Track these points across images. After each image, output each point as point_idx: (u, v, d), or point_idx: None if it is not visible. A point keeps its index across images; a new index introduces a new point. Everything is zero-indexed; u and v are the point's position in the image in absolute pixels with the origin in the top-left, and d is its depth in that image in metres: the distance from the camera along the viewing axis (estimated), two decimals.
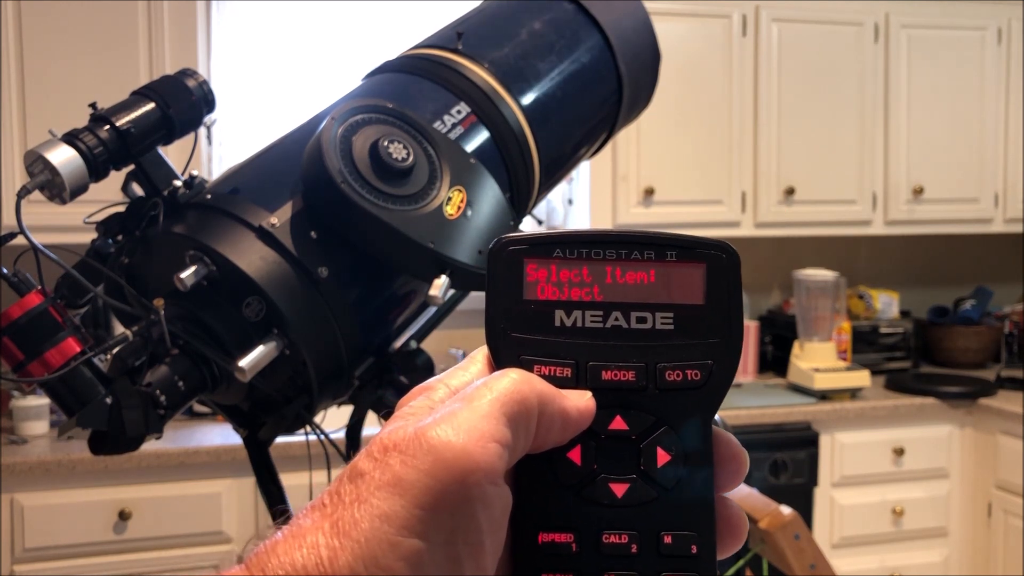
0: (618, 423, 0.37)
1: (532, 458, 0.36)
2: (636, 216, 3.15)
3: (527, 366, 0.37)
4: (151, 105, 1.02)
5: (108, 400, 0.95)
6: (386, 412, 1.07)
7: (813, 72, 3.30)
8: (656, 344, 0.37)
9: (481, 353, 0.38)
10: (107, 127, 0.99)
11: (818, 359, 3.13)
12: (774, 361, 3.44)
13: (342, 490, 0.33)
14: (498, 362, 0.37)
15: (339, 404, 1.11)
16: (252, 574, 0.32)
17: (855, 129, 3.35)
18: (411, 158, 0.99)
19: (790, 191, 3.28)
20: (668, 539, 0.36)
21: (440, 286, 0.96)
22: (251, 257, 0.96)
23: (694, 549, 0.36)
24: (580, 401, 0.36)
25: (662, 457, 0.37)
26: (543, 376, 0.36)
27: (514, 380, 0.35)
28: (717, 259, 0.38)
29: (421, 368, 1.08)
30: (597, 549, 0.36)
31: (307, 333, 0.98)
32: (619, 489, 0.36)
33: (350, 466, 0.34)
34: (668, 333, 0.37)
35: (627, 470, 0.37)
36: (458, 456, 0.32)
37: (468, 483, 0.32)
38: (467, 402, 0.34)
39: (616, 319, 0.37)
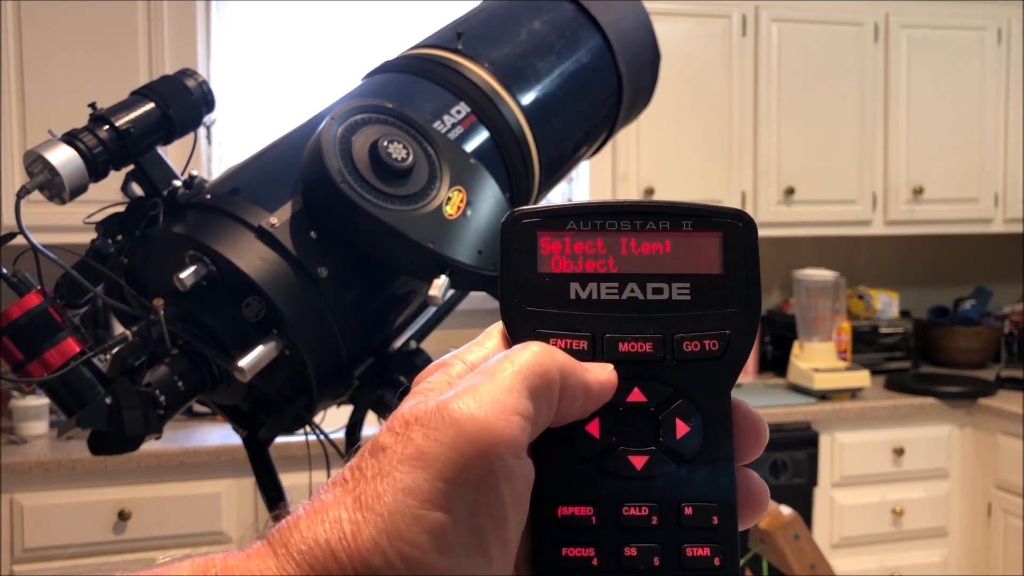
0: (636, 395, 0.36)
1: (551, 431, 0.35)
2: None
3: (543, 340, 0.36)
4: (151, 105, 1.02)
5: (108, 400, 0.95)
6: (384, 411, 1.07)
7: (813, 72, 3.30)
8: (673, 315, 0.37)
9: (496, 328, 0.38)
10: (107, 127, 0.99)
11: (818, 359, 3.13)
12: (774, 361, 3.44)
13: (364, 465, 0.33)
14: (513, 336, 0.37)
15: (339, 404, 1.11)
16: (275, 550, 0.32)
17: (855, 129, 3.35)
18: (411, 158, 0.99)
19: (790, 191, 3.28)
20: (689, 511, 0.36)
21: (440, 286, 0.96)
22: (251, 257, 0.96)
23: (715, 520, 0.36)
24: (602, 374, 0.36)
25: (681, 428, 0.36)
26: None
27: (536, 353, 0.35)
28: (734, 227, 0.37)
29: (421, 368, 1.08)
30: (617, 522, 0.36)
31: (307, 333, 0.98)
32: (638, 461, 0.36)
33: (371, 441, 0.33)
34: (685, 303, 0.37)
35: (646, 442, 0.36)
36: (481, 429, 0.32)
37: (491, 456, 0.32)
38: (489, 375, 0.33)
39: (632, 290, 0.37)
